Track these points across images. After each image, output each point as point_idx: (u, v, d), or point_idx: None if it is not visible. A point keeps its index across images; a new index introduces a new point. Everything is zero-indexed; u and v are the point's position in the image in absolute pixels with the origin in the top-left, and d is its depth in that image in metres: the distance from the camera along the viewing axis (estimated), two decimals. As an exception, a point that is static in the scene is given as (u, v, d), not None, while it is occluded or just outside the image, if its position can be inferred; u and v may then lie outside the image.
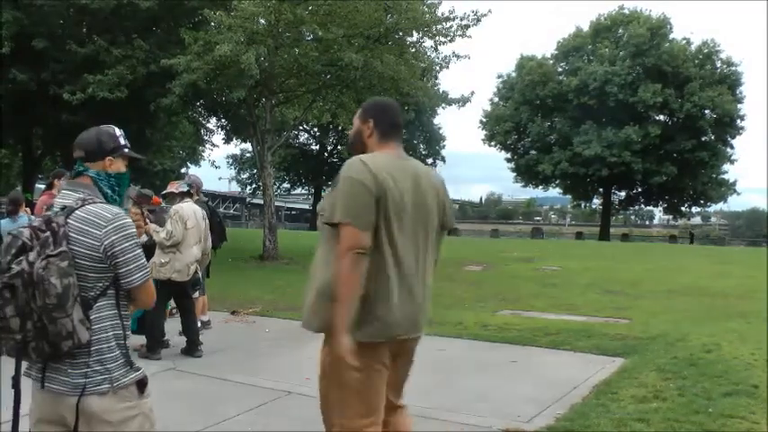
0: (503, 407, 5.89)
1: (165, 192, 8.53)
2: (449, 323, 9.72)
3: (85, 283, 2.64)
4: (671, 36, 48.19)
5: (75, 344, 2.56)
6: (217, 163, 33.68)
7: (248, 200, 73.17)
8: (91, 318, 2.63)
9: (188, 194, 8.20)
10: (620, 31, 49.42)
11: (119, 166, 2.94)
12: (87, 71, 18.40)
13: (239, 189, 67.04)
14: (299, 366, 6.99)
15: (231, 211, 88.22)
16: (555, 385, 6.50)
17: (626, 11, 50.30)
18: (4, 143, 37.33)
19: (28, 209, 9.00)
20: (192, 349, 7.91)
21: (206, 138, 32.14)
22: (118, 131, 2.99)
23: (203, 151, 39.91)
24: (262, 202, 26.76)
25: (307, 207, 68.93)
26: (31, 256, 2.53)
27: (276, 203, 45.31)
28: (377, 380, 3.24)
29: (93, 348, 2.65)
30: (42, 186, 25.85)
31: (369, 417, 3.23)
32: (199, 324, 8.43)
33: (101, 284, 2.69)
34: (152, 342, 7.67)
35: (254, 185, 56.84)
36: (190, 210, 7.98)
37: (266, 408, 5.91)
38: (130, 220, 2.79)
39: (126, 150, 2.97)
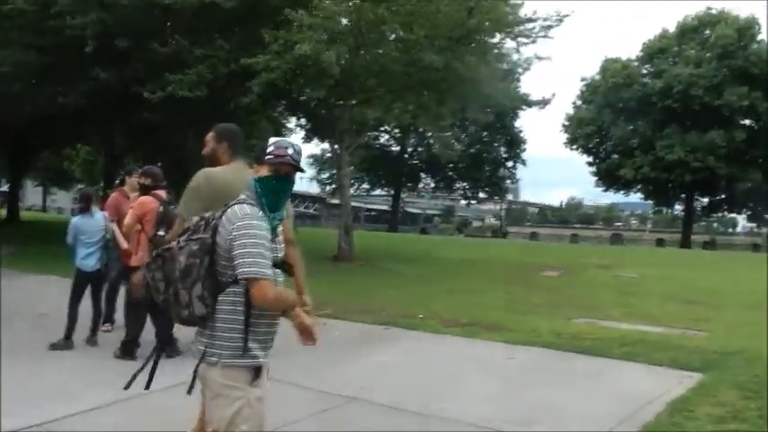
0: (570, 421, 5.72)
1: None
2: (521, 330, 9.52)
3: (220, 269, 3.07)
4: (759, 37, 46.77)
5: (191, 314, 3.09)
6: (297, 162, 34.04)
7: (328, 200, 73.28)
8: (219, 299, 3.08)
9: None
10: (707, 32, 48.01)
11: (262, 171, 3.23)
12: (169, 70, 18.75)
13: (319, 189, 67.58)
14: (366, 371, 6.94)
15: (311, 211, 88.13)
16: (628, 400, 6.26)
17: (713, 11, 48.92)
18: (88, 140, 38.50)
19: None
20: None
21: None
22: (273, 141, 3.26)
23: (283, 150, 40.26)
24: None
25: (386, 208, 69.06)
26: (184, 237, 3.14)
27: (355, 204, 45.05)
28: None
29: (214, 324, 3.10)
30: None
31: None
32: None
33: (230, 272, 3.05)
34: None
35: (333, 185, 56.75)
36: None
37: (329, 414, 5.84)
38: (259, 222, 3.08)
39: (267, 158, 3.22)
